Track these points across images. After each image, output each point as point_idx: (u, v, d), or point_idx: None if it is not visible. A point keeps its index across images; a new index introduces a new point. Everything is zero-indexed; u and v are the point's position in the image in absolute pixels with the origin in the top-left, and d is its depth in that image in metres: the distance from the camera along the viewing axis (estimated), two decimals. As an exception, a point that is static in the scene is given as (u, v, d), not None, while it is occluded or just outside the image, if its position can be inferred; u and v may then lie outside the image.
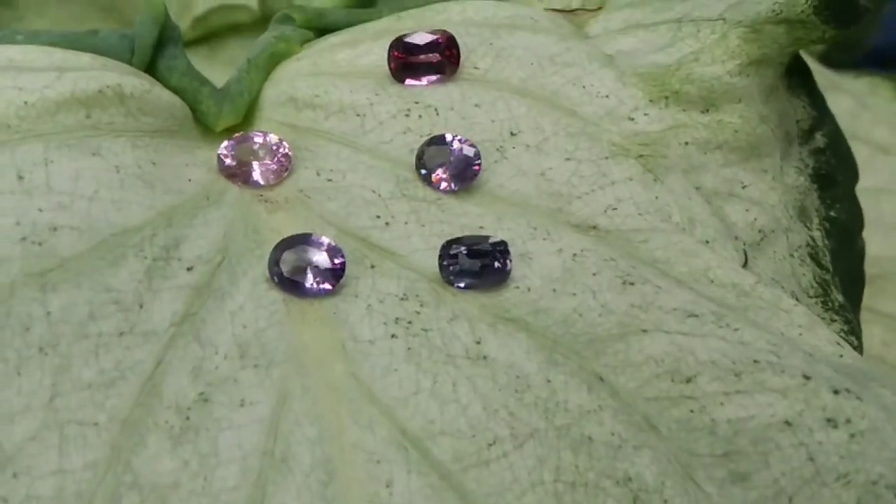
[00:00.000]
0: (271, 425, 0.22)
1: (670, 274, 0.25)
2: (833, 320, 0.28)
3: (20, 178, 0.24)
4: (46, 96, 0.25)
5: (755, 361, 0.23)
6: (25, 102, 0.25)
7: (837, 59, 0.53)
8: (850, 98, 0.47)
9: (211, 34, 0.55)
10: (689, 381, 0.23)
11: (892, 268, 0.42)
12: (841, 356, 0.24)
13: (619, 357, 0.23)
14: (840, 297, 0.29)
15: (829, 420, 0.22)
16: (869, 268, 0.42)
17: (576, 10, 0.33)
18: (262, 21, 0.55)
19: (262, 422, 0.22)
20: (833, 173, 0.31)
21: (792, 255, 0.29)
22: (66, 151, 0.25)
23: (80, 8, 0.57)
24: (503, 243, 0.25)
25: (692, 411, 0.22)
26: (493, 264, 0.25)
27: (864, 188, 0.44)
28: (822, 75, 0.48)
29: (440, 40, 0.28)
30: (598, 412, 0.22)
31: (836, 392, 0.22)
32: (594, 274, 0.25)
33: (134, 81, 0.26)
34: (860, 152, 0.45)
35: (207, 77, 0.30)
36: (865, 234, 0.43)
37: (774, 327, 0.24)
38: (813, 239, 0.30)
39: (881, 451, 0.21)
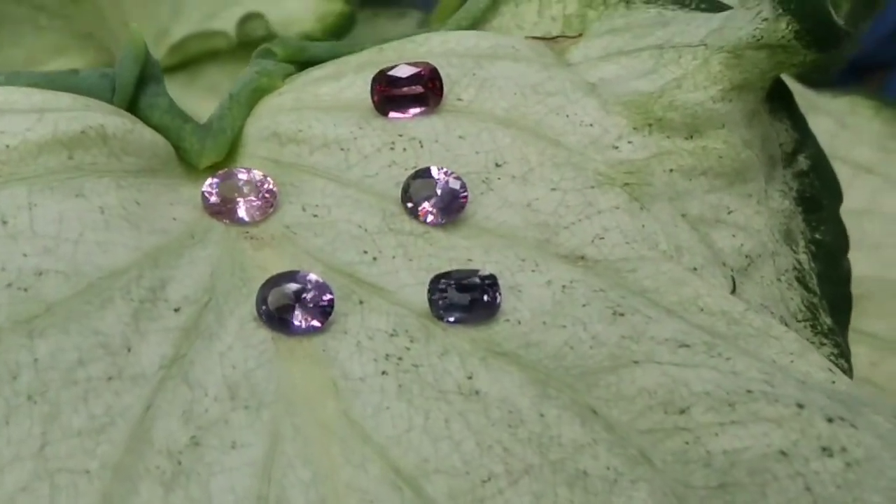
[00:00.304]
0: (264, 468, 0.22)
1: (660, 303, 0.25)
2: (822, 344, 0.28)
3: (4, 222, 0.23)
4: (28, 139, 0.25)
5: (748, 391, 0.23)
6: (7, 146, 0.25)
7: (815, 77, 0.53)
8: (829, 118, 0.47)
9: (189, 61, 0.55)
10: (682, 412, 0.22)
11: (876, 287, 0.42)
12: (833, 382, 0.24)
13: (612, 389, 0.23)
14: (828, 321, 0.29)
15: (824, 449, 0.22)
16: (853, 288, 0.42)
17: (556, 37, 0.33)
18: (239, 48, 0.55)
19: (254, 464, 0.22)
20: (817, 195, 0.31)
21: (779, 280, 0.29)
22: (49, 194, 0.24)
23: (57, 37, 0.56)
24: (492, 277, 0.25)
25: (687, 443, 0.22)
26: (483, 298, 0.24)
27: (847, 208, 0.44)
28: (801, 96, 0.48)
29: (423, 72, 0.28)
30: (593, 446, 0.22)
31: (830, 420, 0.22)
32: (584, 305, 0.25)
33: (116, 121, 0.26)
34: (841, 172, 0.45)
35: (186, 103, 0.29)
36: (849, 254, 0.43)
37: (766, 355, 0.24)
38: (799, 262, 0.30)
39: (878, 479, 0.21)
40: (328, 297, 0.25)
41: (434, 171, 0.27)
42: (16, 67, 0.53)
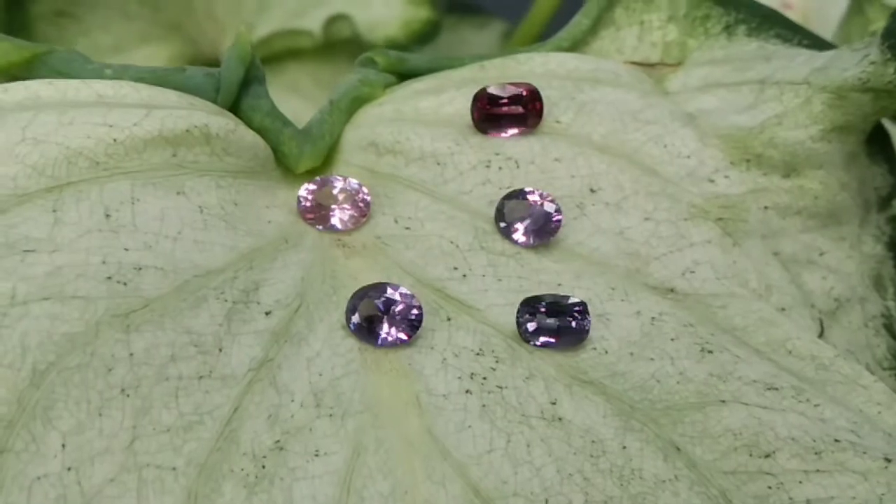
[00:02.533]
0: (345, 478, 0.22)
1: (749, 343, 0.25)
2: (907, 394, 0.28)
3: (107, 216, 0.24)
4: (135, 134, 0.25)
5: (836, 440, 0.22)
6: (115, 140, 0.25)
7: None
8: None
9: (271, 58, 0.55)
10: (767, 456, 0.22)
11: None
12: (920, 437, 0.23)
13: (697, 427, 0.23)
14: (914, 370, 0.29)
15: (910, 506, 0.21)
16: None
17: (655, 64, 0.32)
18: (322, 48, 0.56)
19: (336, 473, 0.22)
20: (910, 242, 0.31)
21: (867, 326, 0.28)
22: (151, 190, 0.25)
23: (144, 25, 0.57)
24: (583, 304, 0.25)
25: (770, 488, 0.22)
26: (572, 324, 0.25)
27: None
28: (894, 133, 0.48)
29: (524, 93, 0.28)
30: (674, 482, 0.22)
31: (918, 477, 0.22)
32: (672, 339, 0.25)
33: (220, 121, 0.27)
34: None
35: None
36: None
37: (853, 404, 0.24)
38: (888, 309, 0.29)
39: (964, 541, 0.21)
40: (416, 311, 0.25)
41: (529, 193, 0.27)
42: (103, 53, 0.54)
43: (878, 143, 0.31)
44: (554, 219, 0.26)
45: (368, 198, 0.27)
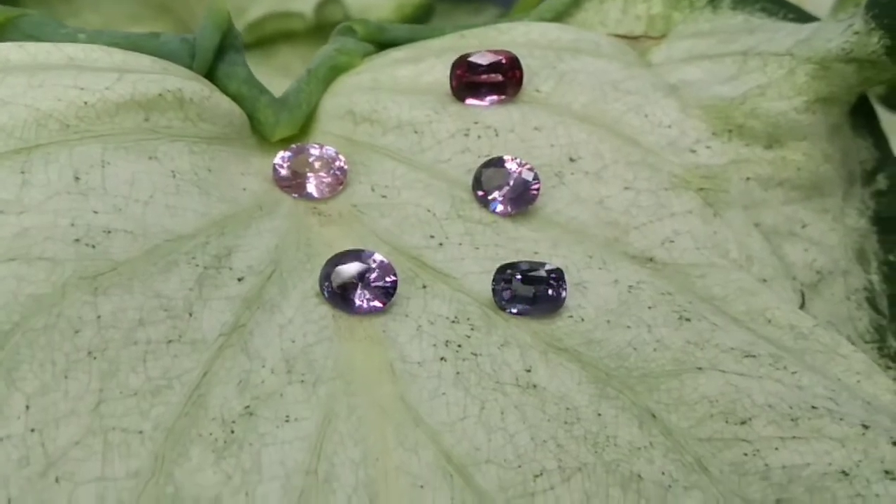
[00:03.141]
0: (315, 444, 0.22)
1: (728, 312, 0.25)
2: (889, 367, 0.28)
3: (77, 178, 0.23)
4: (106, 97, 0.25)
5: (813, 407, 0.22)
6: (85, 102, 0.25)
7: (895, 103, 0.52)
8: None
9: (264, 40, 0.55)
10: (744, 423, 0.22)
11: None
12: (900, 406, 0.23)
13: (673, 394, 0.23)
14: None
15: (887, 472, 0.21)
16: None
17: (639, 36, 0.32)
18: (314, 31, 0.55)
19: (306, 439, 0.22)
20: (894, 216, 0.30)
21: (849, 299, 0.28)
22: (123, 154, 0.24)
23: (134, 6, 0.57)
24: (559, 271, 0.24)
25: (746, 455, 0.22)
26: (548, 291, 0.24)
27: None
28: (882, 118, 0.47)
29: (504, 61, 0.28)
30: (649, 449, 0.22)
31: (895, 443, 0.21)
32: (650, 307, 0.24)
33: (194, 86, 0.26)
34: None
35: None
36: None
37: (832, 372, 0.24)
38: (871, 283, 0.29)
39: (941, 507, 0.21)
40: (391, 278, 0.24)
41: (507, 161, 0.26)
42: (94, 31, 0.54)
43: (864, 117, 0.31)
44: (532, 187, 0.26)
45: (345, 166, 0.27)
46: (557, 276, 0.24)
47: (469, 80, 0.28)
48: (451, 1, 0.63)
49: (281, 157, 0.27)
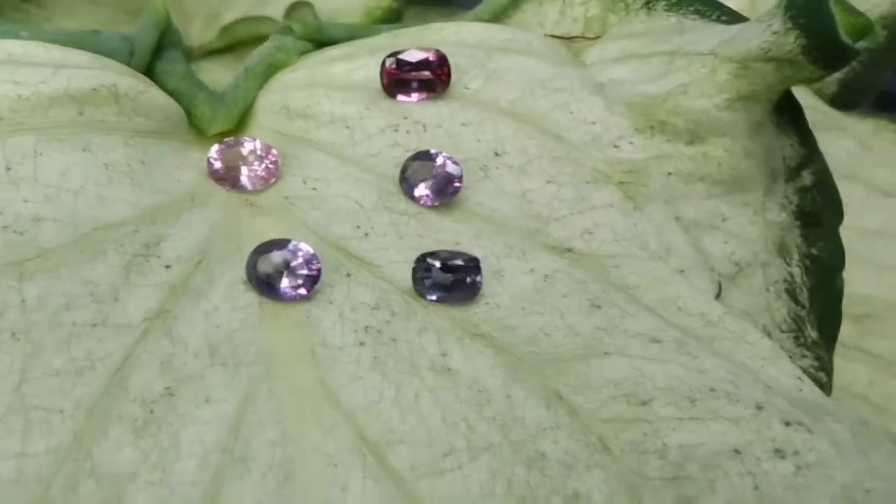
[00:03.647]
0: (234, 424, 0.23)
1: (640, 300, 0.26)
2: (804, 356, 0.29)
3: (8, 168, 0.24)
4: (41, 91, 0.26)
5: (711, 389, 0.23)
6: (19, 96, 0.25)
7: (847, 101, 0.53)
8: (852, 139, 0.47)
9: (237, 44, 0.56)
10: (644, 404, 0.23)
11: (883, 308, 0.42)
12: (800, 390, 0.24)
13: (581, 378, 0.24)
14: (814, 334, 0.29)
15: (777, 451, 0.22)
16: (858, 307, 0.42)
17: (575, 37, 0.33)
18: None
19: (224, 420, 0.23)
20: (818, 212, 0.31)
21: (768, 290, 0.29)
22: (56, 145, 0.25)
23: (109, 11, 0.58)
24: (475, 259, 0.25)
25: (645, 434, 0.23)
26: (465, 279, 0.25)
27: (861, 229, 0.45)
28: (826, 115, 0.48)
29: (432, 58, 0.29)
30: (555, 430, 0.23)
31: (787, 424, 0.22)
32: (564, 295, 0.25)
33: (129, 82, 0.27)
34: (859, 193, 0.45)
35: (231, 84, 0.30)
36: (858, 273, 0.43)
37: (737, 358, 0.24)
38: (791, 275, 0.30)
39: (826, 484, 0.21)
40: (316, 266, 0.25)
41: (433, 154, 0.27)
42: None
43: (789, 114, 0.32)
44: (456, 180, 0.27)
45: (277, 159, 0.28)
46: (475, 265, 0.25)
47: (399, 77, 0.29)
48: (421, 4, 0.64)
49: (215, 150, 0.28)
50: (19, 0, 0.55)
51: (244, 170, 0.28)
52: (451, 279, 0.25)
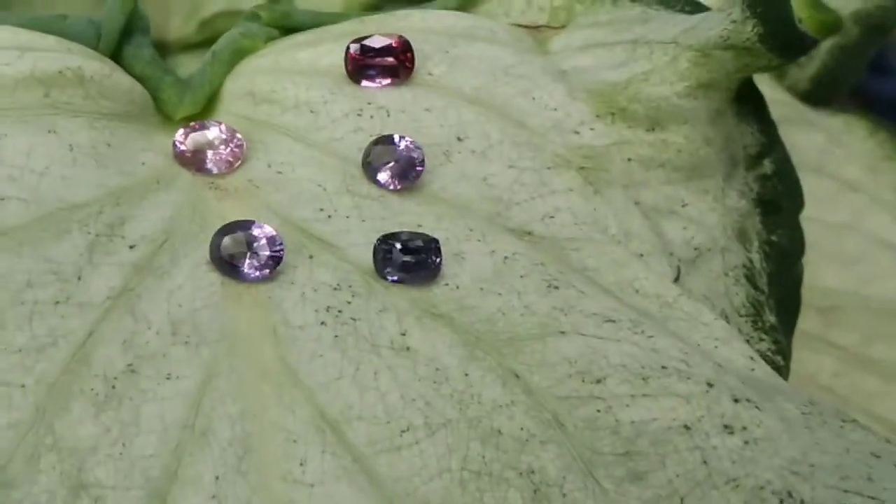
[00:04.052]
0: (195, 400, 0.23)
1: (598, 282, 0.26)
2: (762, 339, 0.29)
3: (-28, 148, 0.25)
4: (5, 73, 0.26)
5: (664, 367, 0.23)
6: (-15, 78, 0.26)
7: (819, 97, 0.54)
8: (822, 134, 0.48)
9: (217, 37, 0.56)
10: (598, 381, 0.23)
11: (849, 301, 0.43)
12: (753, 370, 0.24)
13: (536, 356, 0.24)
14: (773, 319, 0.30)
15: (726, 426, 0.22)
16: (824, 300, 0.43)
17: (540, 26, 0.33)
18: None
19: (186, 396, 0.23)
20: (778, 199, 0.32)
21: (726, 275, 0.29)
22: (21, 127, 0.26)
23: (89, 2, 0.58)
24: (435, 241, 0.26)
25: (599, 411, 0.23)
26: (426, 260, 0.25)
27: (828, 222, 0.45)
28: (797, 110, 0.49)
29: (395, 44, 0.29)
30: (510, 407, 0.23)
31: (736, 401, 0.23)
32: (522, 276, 0.26)
33: (95, 65, 0.27)
34: (827, 187, 0.46)
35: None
36: (824, 266, 0.43)
37: (691, 339, 0.25)
38: (751, 261, 0.30)
39: (772, 458, 0.22)
40: (279, 248, 0.26)
41: (395, 139, 0.28)
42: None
43: (751, 104, 0.32)
44: (418, 164, 0.27)
45: (243, 143, 0.28)
46: (435, 247, 0.26)
47: (363, 63, 0.29)
48: (400, 1, 0.64)
49: (180, 133, 0.28)
50: (-2, -9, 0.56)
51: (210, 153, 0.28)
52: (411, 260, 0.25)
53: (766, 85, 0.37)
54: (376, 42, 0.29)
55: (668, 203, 0.29)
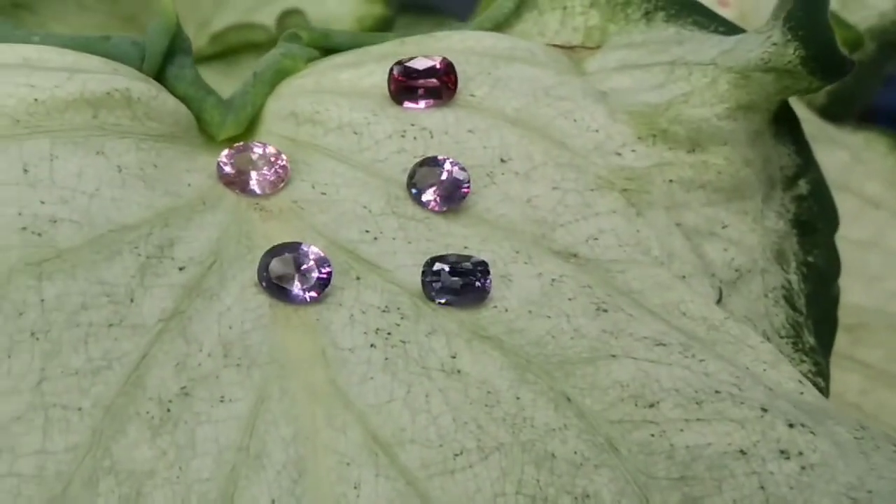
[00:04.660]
0: (248, 423, 0.23)
1: (644, 304, 0.26)
2: (802, 361, 0.29)
3: (25, 171, 0.25)
4: (56, 95, 0.26)
5: (717, 392, 0.23)
6: (36, 100, 0.26)
7: (836, 113, 0.54)
8: (845, 151, 0.48)
9: (228, 51, 0.56)
10: (652, 406, 0.23)
11: (874, 318, 0.43)
12: (802, 393, 0.25)
13: (588, 379, 0.24)
14: (811, 340, 0.30)
15: (782, 451, 0.22)
16: (850, 317, 0.43)
17: (575, 46, 0.34)
18: (277, 41, 0.56)
19: (239, 419, 0.23)
20: (813, 220, 0.32)
21: (766, 296, 0.30)
22: (71, 148, 0.26)
23: (100, 17, 0.58)
24: (484, 263, 0.26)
25: (653, 435, 0.23)
26: (474, 283, 0.26)
27: (852, 239, 0.45)
28: (820, 128, 0.49)
29: (439, 66, 0.29)
30: (563, 430, 0.23)
31: (791, 425, 0.23)
32: (570, 299, 0.26)
33: (142, 87, 0.28)
34: (850, 204, 0.46)
35: (221, 92, 0.31)
36: (849, 283, 0.44)
37: (740, 362, 0.25)
38: (789, 282, 0.30)
39: (829, 484, 0.22)
40: (327, 270, 0.26)
41: (440, 160, 0.28)
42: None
43: (787, 125, 0.32)
44: (463, 186, 0.28)
45: (287, 164, 0.28)
46: (483, 269, 0.26)
47: (406, 85, 0.29)
48: (412, 14, 0.65)
49: (225, 155, 0.28)
50: (11, 6, 0.56)
51: (254, 174, 0.28)
52: (459, 283, 0.25)
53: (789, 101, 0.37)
54: (420, 63, 0.29)
55: (709, 224, 0.29)
